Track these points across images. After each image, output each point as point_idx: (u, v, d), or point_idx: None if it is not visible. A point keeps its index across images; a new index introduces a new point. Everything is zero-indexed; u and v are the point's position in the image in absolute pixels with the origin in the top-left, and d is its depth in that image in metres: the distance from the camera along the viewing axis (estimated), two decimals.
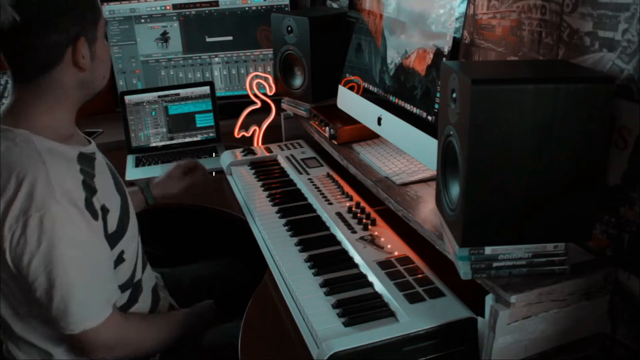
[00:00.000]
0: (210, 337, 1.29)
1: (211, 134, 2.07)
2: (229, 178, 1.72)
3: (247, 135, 2.00)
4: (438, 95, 1.17)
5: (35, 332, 1.11)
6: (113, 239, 1.11)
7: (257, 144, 1.98)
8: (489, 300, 0.91)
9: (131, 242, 1.18)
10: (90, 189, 1.06)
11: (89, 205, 1.04)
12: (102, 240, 1.08)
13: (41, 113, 1.05)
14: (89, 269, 1.05)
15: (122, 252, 1.14)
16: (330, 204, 1.42)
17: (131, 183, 1.54)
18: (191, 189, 1.54)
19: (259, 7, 2.21)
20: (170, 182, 1.51)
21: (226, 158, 1.81)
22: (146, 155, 1.99)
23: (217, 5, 2.21)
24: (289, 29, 1.72)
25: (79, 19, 1.02)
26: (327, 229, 1.34)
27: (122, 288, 1.16)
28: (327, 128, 1.60)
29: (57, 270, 1.00)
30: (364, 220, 1.31)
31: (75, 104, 1.11)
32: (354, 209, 1.37)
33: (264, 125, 1.99)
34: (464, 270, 0.91)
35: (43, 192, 0.98)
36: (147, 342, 1.19)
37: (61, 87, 1.05)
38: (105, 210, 1.09)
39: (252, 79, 1.96)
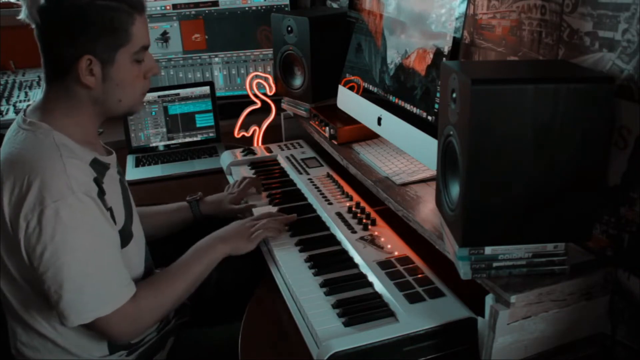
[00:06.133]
0: (211, 336, 1.29)
1: (211, 134, 2.07)
2: (229, 178, 1.72)
3: (247, 135, 2.00)
4: (438, 95, 1.17)
5: (39, 322, 1.11)
6: None
7: (257, 144, 1.98)
8: (489, 300, 0.91)
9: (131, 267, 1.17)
10: (100, 188, 1.07)
11: (102, 199, 1.06)
12: (114, 228, 1.09)
13: (62, 114, 1.09)
14: (106, 256, 1.06)
15: None
16: (330, 204, 1.42)
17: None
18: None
19: (259, 7, 2.21)
20: (220, 205, 1.51)
21: (226, 158, 1.81)
22: (146, 155, 1.98)
23: (217, 5, 2.21)
24: (289, 29, 1.72)
25: (90, 39, 1.04)
26: (327, 229, 1.34)
27: None
28: (327, 128, 1.60)
29: (73, 259, 1.00)
30: (364, 220, 1.31)
31: (94, 117, 1.13)
32: (354, 209, 1.37)
33: (264, 125, 1.99)
34: (464, 270, 0.91)
35: (59, 182, 0.99)
36: (171, 301, 1.17)
37: (76, 97, 1.09)
38: (112, 213, 1.09)
39: (252, 79, 1.96)
